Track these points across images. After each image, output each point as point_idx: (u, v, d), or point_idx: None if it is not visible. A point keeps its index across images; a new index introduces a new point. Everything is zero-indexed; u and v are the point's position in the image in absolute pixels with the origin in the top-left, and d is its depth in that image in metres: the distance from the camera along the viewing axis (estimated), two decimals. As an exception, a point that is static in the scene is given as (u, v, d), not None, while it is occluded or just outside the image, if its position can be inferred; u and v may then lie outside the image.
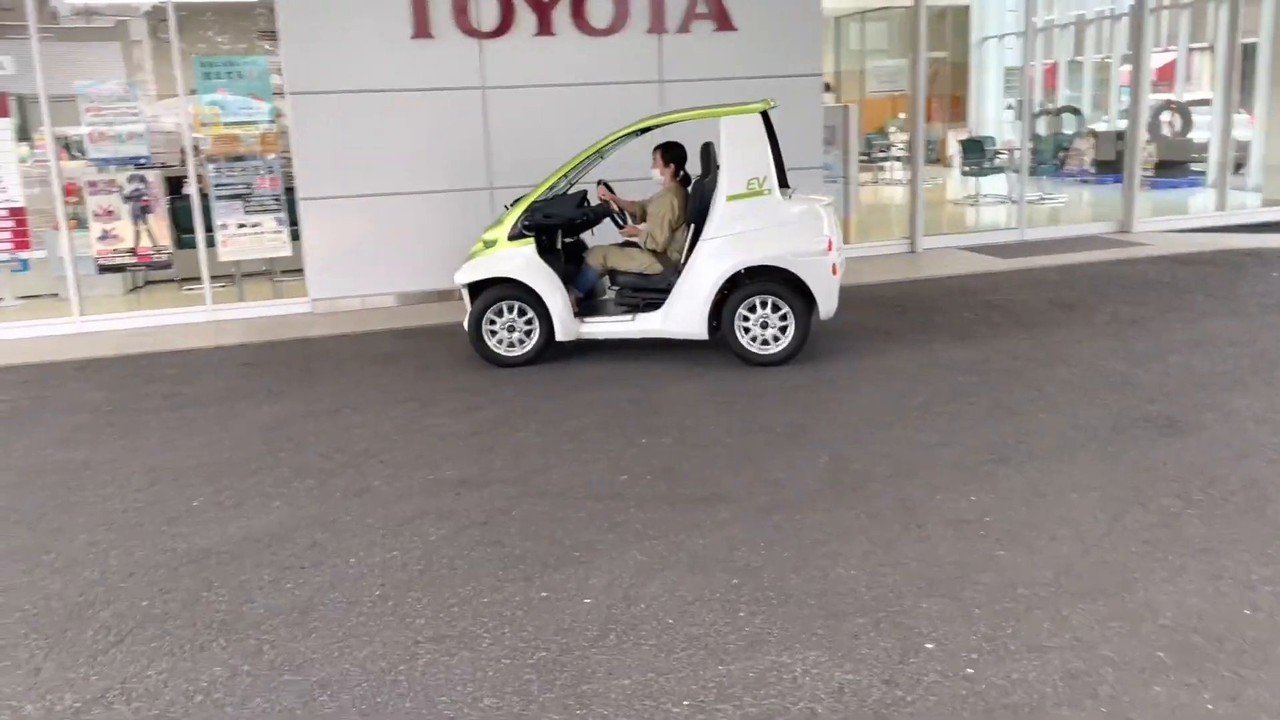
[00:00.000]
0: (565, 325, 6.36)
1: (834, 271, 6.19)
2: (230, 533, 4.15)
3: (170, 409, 5.94)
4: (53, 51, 7.75)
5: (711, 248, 6.17)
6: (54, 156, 7.82)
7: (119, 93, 7.99)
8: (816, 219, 6.17)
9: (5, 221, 7.65)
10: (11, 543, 4.11)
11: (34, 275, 8.33)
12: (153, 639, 3.33)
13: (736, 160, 6.13)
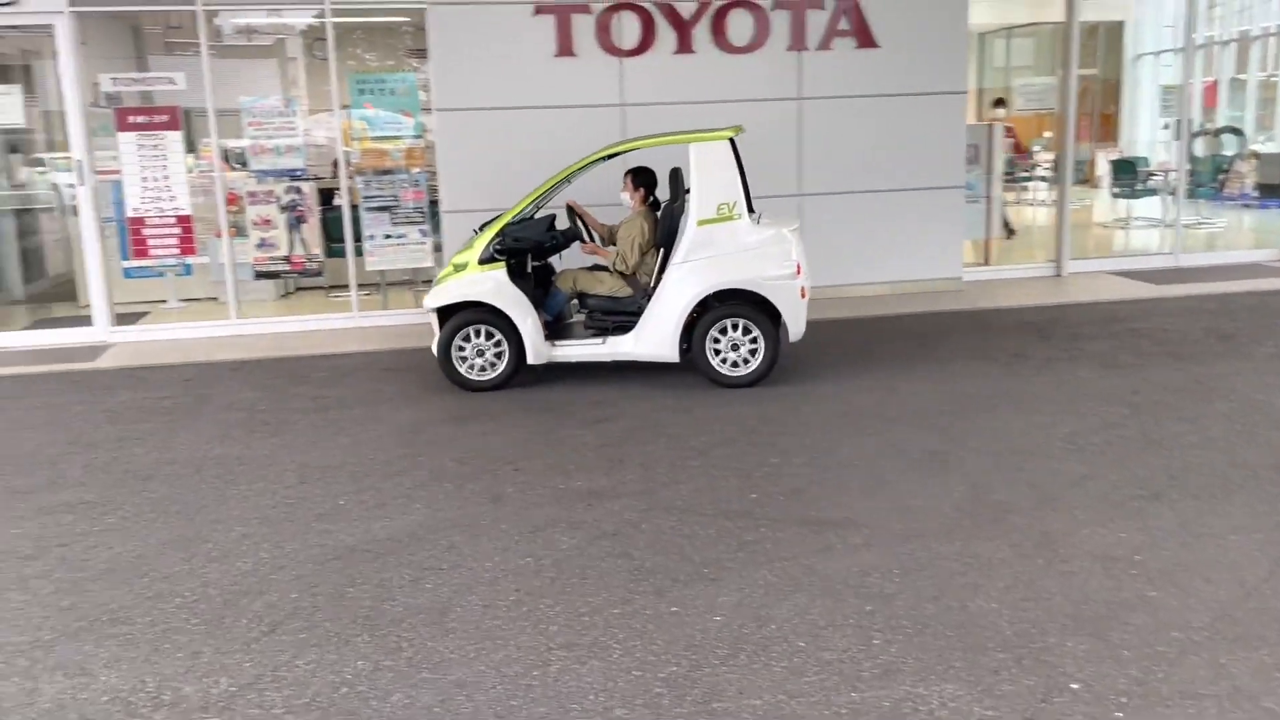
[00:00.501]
0: (537, 349, 6.39)
1: (802, 294, 6.27)
2: (373, 531, 4.31)
3: (317, 410, 6.20)
4: (216, 68, 8.22)
5: (681, 271, 6.24)
6: (219, 168, 8.29)
7: (278, 108, 8.43)
8: (785, 244, 6.26)
9: (173, 228, 8.14)
10: (173, 532, 4.36)
11: (195, 279, 8.84)
12: (301, 630, 3.48)
13: (706, 185, 6.22)
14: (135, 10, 9.11)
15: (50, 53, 9.38)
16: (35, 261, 9.86)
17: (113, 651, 3.36)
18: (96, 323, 8.21)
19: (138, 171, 8.02)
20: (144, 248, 8.13)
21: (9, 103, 8.21)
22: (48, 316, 9.05)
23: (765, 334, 6.27)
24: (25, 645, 3.41)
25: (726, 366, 6.34)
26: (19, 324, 8.68)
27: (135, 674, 3.22)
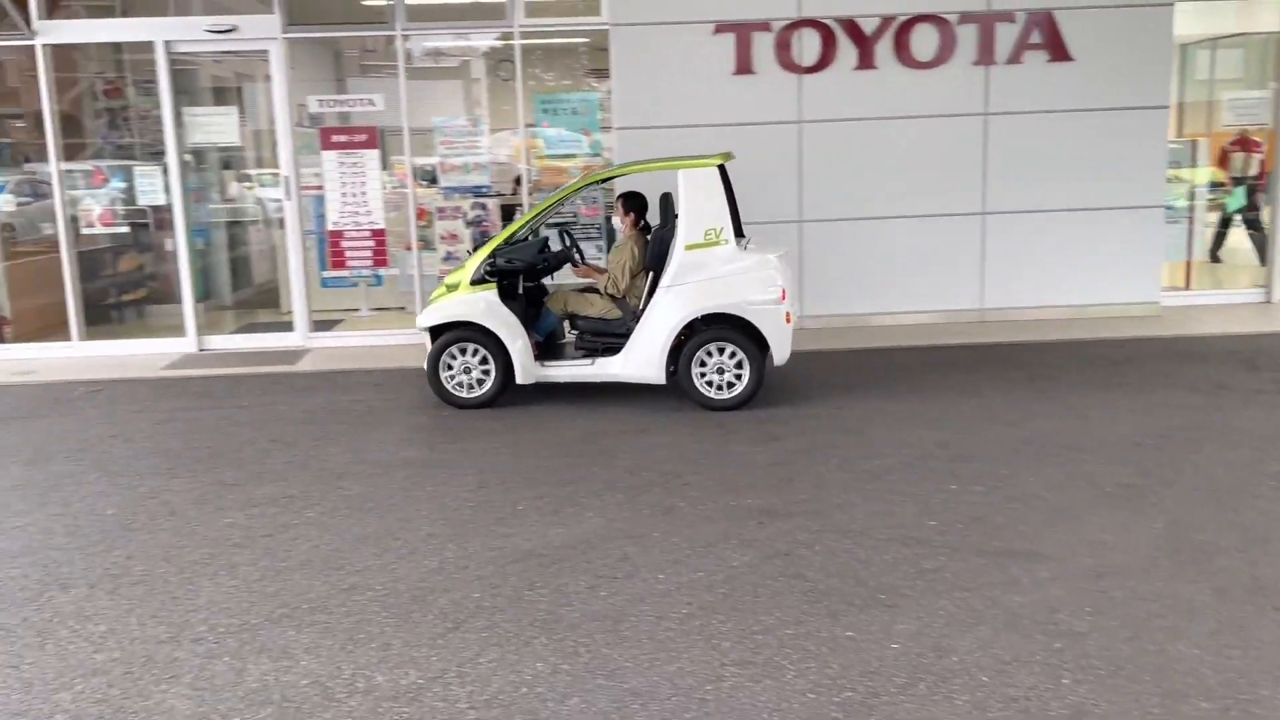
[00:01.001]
0: (526, 368, 6.48)
1: (787, 320, 6.29)
2: (550, 537, 4.42)
3: (491, 417, 6.41)
4: (407, 89, 8.65)
5: (669, 295, 6.30)
6: (411, 184, 8.72)
7: (467, 127, 8.81)
8: (769, 269, 6.29)
9: (368, 241, 8.61)
10: (366, 528, 4.60)
11: (385, 290, 9.32)
12: (483, 629, 3.60)
13: (694, 211, 6.28)
14: (340, 35, 9.69)
15: (262, 75, 10.09)
16: (242, 270, 10.62)
17: (312, 638, 3.58)
18: (297, 328, 8.78)
19: (338, 187, 8.53)
20: (341, 259, 8.63)
21: (227, 123, 8.90)
22: (253, 322, 9.72)
23: (750, 358, 6.30)
24: (235, 628, 3.67)
25: (712, 390, 6.37)
26: (228, 328, 9.35)
27: (332, 660, 3.42)
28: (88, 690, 3.26)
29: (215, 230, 9.97)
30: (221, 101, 9.81)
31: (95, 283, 9.21)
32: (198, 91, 9.39)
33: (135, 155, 9.79)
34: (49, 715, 3.12)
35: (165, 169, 8.58)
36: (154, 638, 3.60)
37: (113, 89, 10.04)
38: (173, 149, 8.49)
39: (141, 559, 4.30)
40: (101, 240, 9.17)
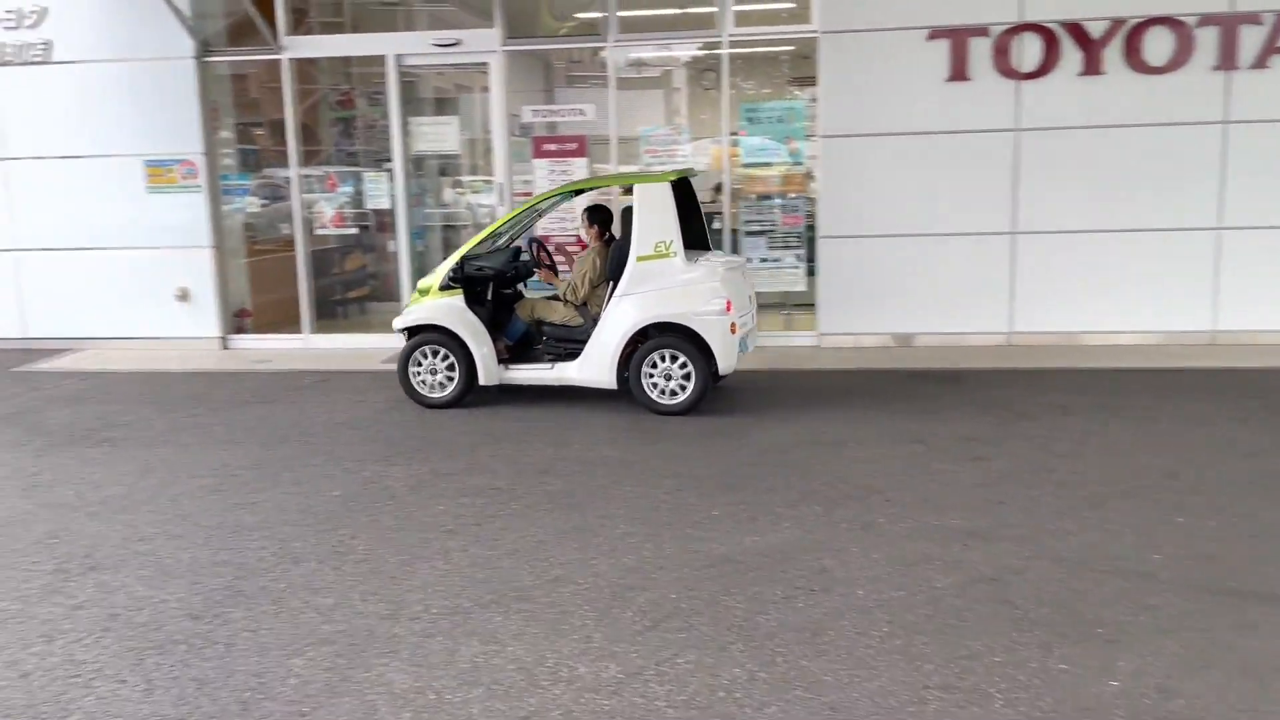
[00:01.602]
0: (488, 371, 6.81)
1: (732, 330, 6.44)
2: (745, 545, 4.42)
3: (692, 421, 6.47)
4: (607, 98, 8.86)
5: (622, 304, 6.57)
6: (616, 192, 8.92)
7: (672, 136, 8.94)
8: (715, 281, 6.47)
9: (572, 247, 8.87)
10: (569, 523, 4.74)
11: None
12: (680, 630, 3.64)
13: (646, 224, 6.51)
14: (555, 48, 10.03)
15: (478, 86, 10.57)
16: (455, 271, 11.14)
17: (519, 625, 3.72)
18: (504, 328, 9.14)
19: (547, 194, 8.83)
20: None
21: (447, 132, 9.39)
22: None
23: (695, 366, 6.50)
24: (448, 610, 3.86)
25: (659, 395, 6.59)
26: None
27: (537, 648, 3.54)
28: (317, 658, 3.51)
29: (430, 233, 10.51)
30: (439, 112, 10.36)
31: (324, 280, 9.91)
32: (418, 102, 9.93)
33: (359, 162, 10.49)
34: (283, 679, 3.38)
35: (391, 175, 9.12)
36: (375, 614, 3.84)
37: (345, 100, 10.78)
38: (398, 156, 9.02)
39: (364, 539, 4.59)
40: (331, 241, 9.86)
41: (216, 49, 9.11)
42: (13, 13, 9.05)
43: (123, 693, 3.30)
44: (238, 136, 10.03)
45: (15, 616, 3.87)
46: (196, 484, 5.42)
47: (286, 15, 8.97)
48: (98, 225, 9.27)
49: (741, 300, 6.68)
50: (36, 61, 9.09)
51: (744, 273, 6.99)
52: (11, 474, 5.66)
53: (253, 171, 9.97)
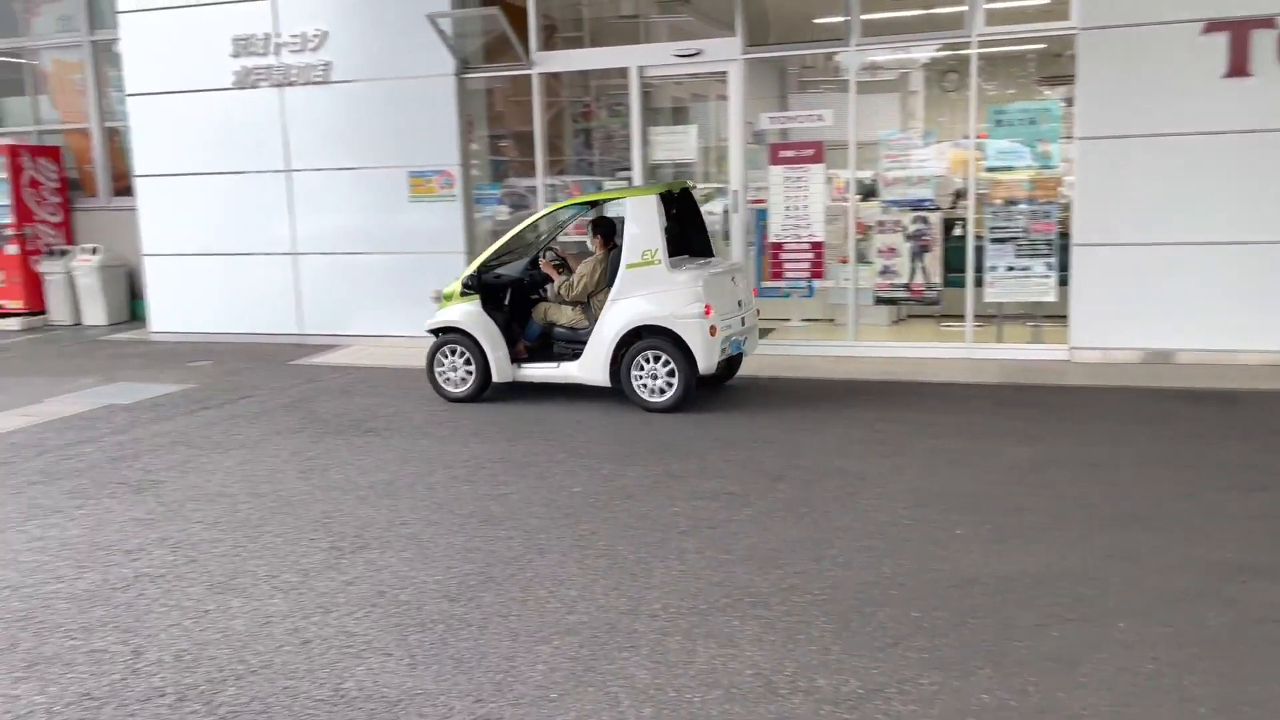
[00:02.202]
0: (501, 369, 7.37)
1: (712, 332, 6.79)
2: (992, 567, 4.23)
3: (930, 436, 6.27)
4: (841, 102, 8.71)
5: (614, 309, 7.04)
6: (853, 197, 8.78)
7: (913, 140, 8.70)
8: (697, 286, 6.83)
9: (806, 253, 8.81)
10: (802, 532, 4.71)
11: (814, 301, 9.49)
12: (923, 650, 3.53)
13: (635, 234, 6.97)
14: (795, 54, 9.99)
15: (714, 95, 10.67)
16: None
17: (755, 631, 3.72)
18: (735, 334, 9.18)
19: (781, 201, 8.81)
20: (779, 270, 8.91)
21: (685, 141, 9.55)
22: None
23: (679, 366, 6.86)
24: (685, 610, 3.92)
25: (647, 393, 6.99)
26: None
27: (775, 656, 3.53)
28: (563, 646, 3.65)
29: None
30: (674, 120, 10.56)
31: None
32: (654, 111, 10.14)
33: (595, 171, 10.85)
34: (532, 664, 3.54)
35: (630, 184, 9.37)
36: (616, 608, 3.95)
37: (587, 111, 11.19)
38: (638, 165, 9.26)
39: (604, 535, 4.74)
40: (571, 248, 10.23)
41: (474, 66, 9.68)
42: (298, 37, 9.97)
43: (389, 665, 3.55)
44: (487, 148, 10.61)
45: (296, 588, 4.25)
46: (450, 474, 5.77)
47: (538, 32, 9.40)
48: (365, 231, 10.06)
49: (726, 304, 7.05)
50: (318, 81, 9.97)
51: (735, 278, 7.31)
52: (291, 457, 6.22)
53: (499, 181, 10.52)
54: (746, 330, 7.35)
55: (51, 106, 13.08)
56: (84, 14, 12.34)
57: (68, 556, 4.64)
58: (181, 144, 10.56)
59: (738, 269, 7.56)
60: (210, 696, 3.37)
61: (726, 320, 7.01)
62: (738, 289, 7.30)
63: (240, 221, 10.48)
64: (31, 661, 3.64)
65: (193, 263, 10.72)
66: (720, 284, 7.07)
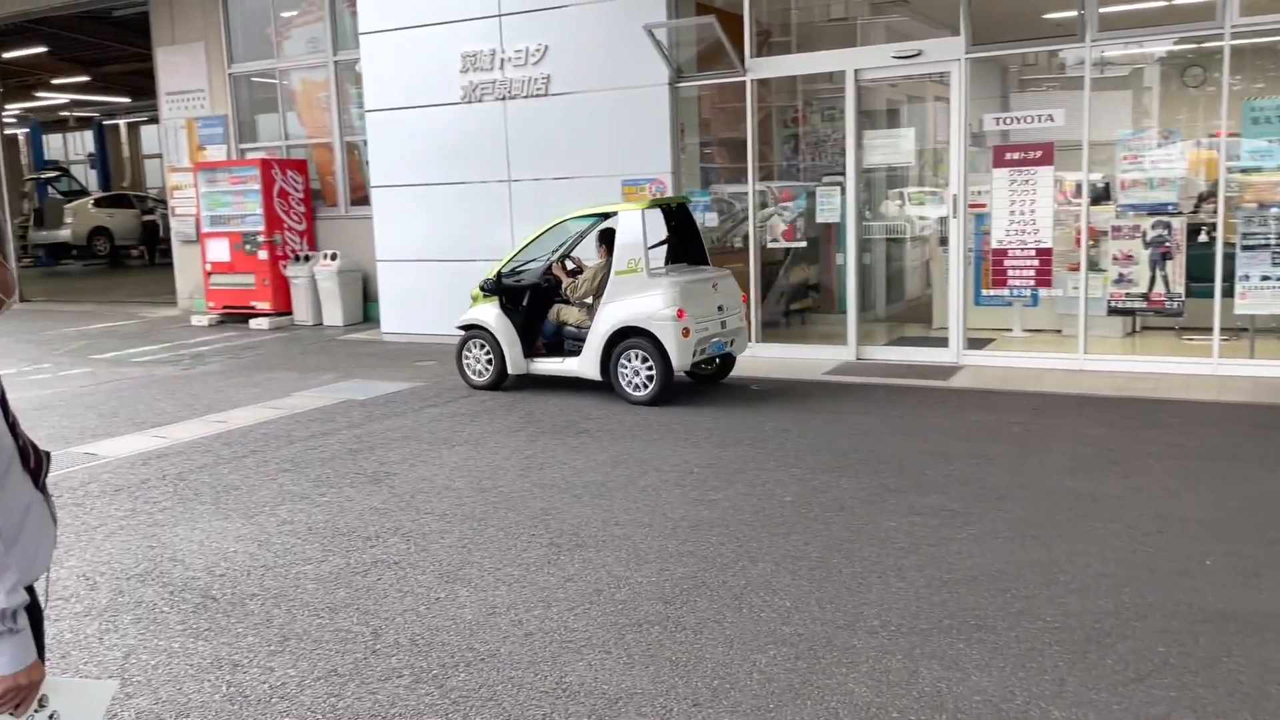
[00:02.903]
0: (515, 363, 8.24)
1: (685, 334, 7.40)
2: (1249, 601, 3.88)
3: (1171, 457, 5.83)
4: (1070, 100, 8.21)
5: (605, 311, 7.75)
6: (1085, 201, 8.28)
7: (1156, 140, 8.12)
8: (674, 292, 7.46)
9: (1031, 260, 8.38)
10: (1029, 554, 4.47)
11: (1039, 311, 9.01)
12: (1171, 689, 3.28)
13: (623, 244, 7.70)
14: (1023, 51, 9.55)
15: (931, 96, 10.35)
16: (895, 285, 11.03)
17: (981, 655, 3.56)
18: (951, 345, 8.86)
19: (1005, 205, 8.42)
20: (1002, 277, 8.52)
21: (902, 144, 9.29)
22: (904, 335, 10.05)
23: (656, 363, 7.53)
24: (904, 629, 3.80)
25: (630, 388, 7.69)
26: (881, 340, 9.78)
27: (1003, 683, 3.36)
28: (779, 657, 3.62)
29: (872, 246, 10.47)
30: (889, 124, 10.30)
31: (770, 291, 10.25)
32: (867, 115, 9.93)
33: (802, 176, 10.72)
34: (748, 672, 3.52)
35: (841, 188, 9.22)
36: (832, 622, 3.88)
37: (799, 116, 11.09)
38: (851, 170, 9.09)
39: (817, 546, 4.66)
40: (778, 254, 10.18)
41: (687, 75, 9.78)
42: (520, 52, 10.39)
43: (608, 663, 3.63)
44: (696, 155, 10.69)
45: (519, 581, 4.41)
46: (660, 478, 5.84)
47: (752, 39, 9.40)
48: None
49: (702, 309, 7.63)
50: (537, 94, 10.35)
51: (716, 285, 7.84)
52: (511, 455, 6.47)
53: (707, 188, 10.57)
54: (730, 333, 7.94)
55: (299, 123, 14.20)
56: (329, 36, 13.33)
57: (314, 540, 5.00)
58: (412, 156, 11.22)
59: (721, 277, 7.99)
60: (442, 680, 3.54)
61: (702, 324, 7.62)
62: (718, 295, 7.84)
63: (464, 229, 11.01)
64: (284, 636, 3.94)
65: (420, 268, 11.36)
66: (697, 290, 7.69)
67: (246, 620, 4.09)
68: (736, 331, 8.03)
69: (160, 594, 4.38)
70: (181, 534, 5.13)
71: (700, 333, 7.56)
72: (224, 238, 13.27)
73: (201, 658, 3.78)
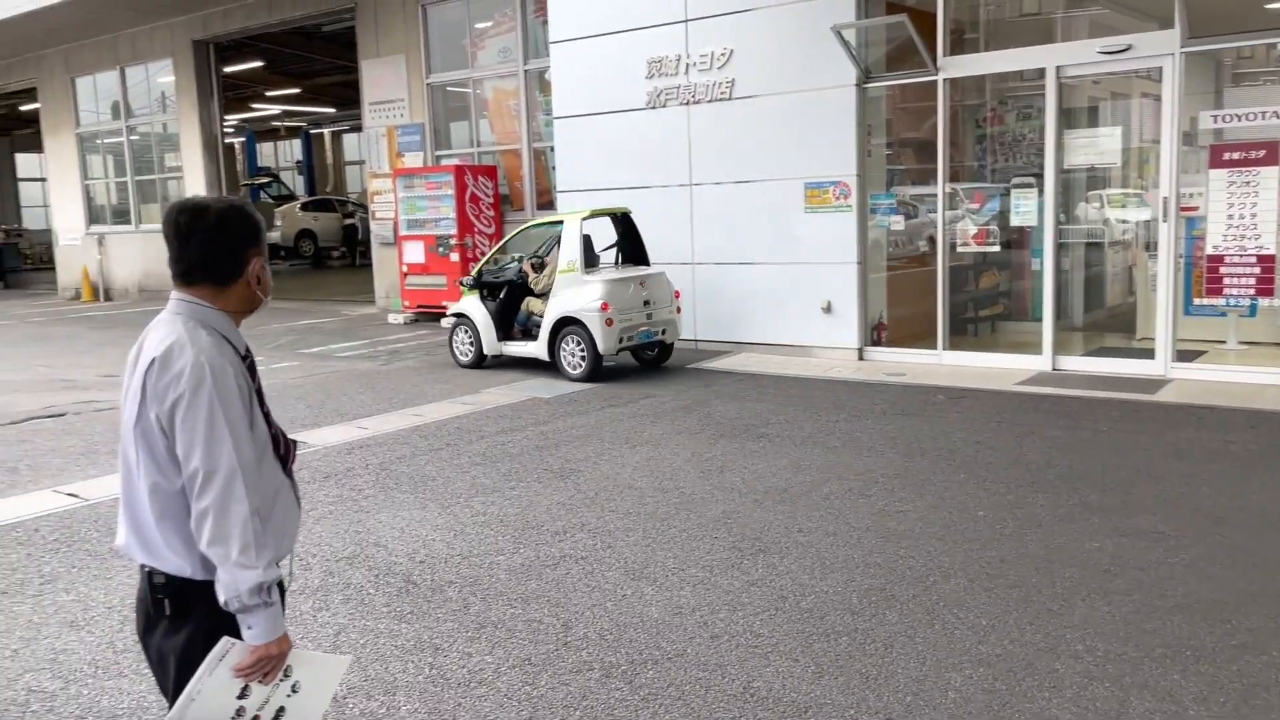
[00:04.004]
0: (490, 345, 9.75)
1: (608, 323, 8.89)
2: None
3: None
4: None
5: (552, 303, 9.28)
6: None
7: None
8: (599, 287, 8.97)
9: (1252, 267, 7.77)
10: (1253, 584, 4.15)
11: (1258, 321, 8.36)
12: None
13: (565, 248, 9.26)
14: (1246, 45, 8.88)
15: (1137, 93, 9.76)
16: (1094, 292, 10.46)
17: (1200, 689, 3.33)
18: (1158, 357, 8.32)
19: (1223, 208, 7.85)
20: (1217, 285, 7.95)
21: (1107, 143, 8.82)
22: (1104, 346, 9.52)
23: (587, 348, 8.95)
24: (1112, 655, 3.60)
25: (570, 366, 9.14)
26: (1078, 349, 9.29)
27: (1224, 719, 3.14)
28: (975, 676, 3.49)
29: (1069, 251, 9.97)
30: (1090, 122, 9.76)
31: (958, 296, 9.92)
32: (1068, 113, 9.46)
33: (988, 177, 10.30)
34: (942, 690, 3.42)
35: (1039, 190, 8.82)
36: (1032, 644, 3.71)
37: (993, 116, 10.68)
38: (1051, 171, 8.68)
39: (1013, 564, 4.48)
40: (967, 257, 9.83)
41: (876, 75, 9.59)
42: (705, 56, 10.44)
43: (796, 671, 3.60)
44: (882, 157, 10.45)
45: (703, 583, 4.44)
46: (844, 486, 5.75)
47: (945, 37, 9.12)
48: (760, 242, 10.32)
49: (627, 303, 9.05)
50: (721, 98, 10.38)
51: (643, 284, 9.27)
52: (691, 457, 6.52)
53: (892, 190, 10.33)
54: (658, 324, 9.38)
55: (489, 130, 14.75)
56: (520, 46, 13.78)
57: (505, 532, 5.18)
58: (598, 161, 11.46)
59: (650, 276, 9.41)
60: (631, 676, 3.60)
61: (626, 315, 9.04)
62: (645, 292, 9.27)
63: (647, 233, 11.13)
64: (480, 624, 4.10)
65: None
66: (622, 288, 9.11)
67: (445, 606, 4.28)
68: (666, 323, 9.47)
69: (367, 577, 4.65)
70: (384, 520, 5.42)
71: (624, 323, 9.02)
72: (419, 240, 13.92)
73: (405, 639, 3.98)
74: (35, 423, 8.18)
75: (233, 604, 1.97)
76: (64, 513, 5.75)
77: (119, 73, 19.51)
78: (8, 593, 4.60)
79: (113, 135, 20.37)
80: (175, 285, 2.16)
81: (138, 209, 20.07)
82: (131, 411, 2.06)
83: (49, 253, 24.21)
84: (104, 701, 3.58)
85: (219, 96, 18.29)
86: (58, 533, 5.40)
